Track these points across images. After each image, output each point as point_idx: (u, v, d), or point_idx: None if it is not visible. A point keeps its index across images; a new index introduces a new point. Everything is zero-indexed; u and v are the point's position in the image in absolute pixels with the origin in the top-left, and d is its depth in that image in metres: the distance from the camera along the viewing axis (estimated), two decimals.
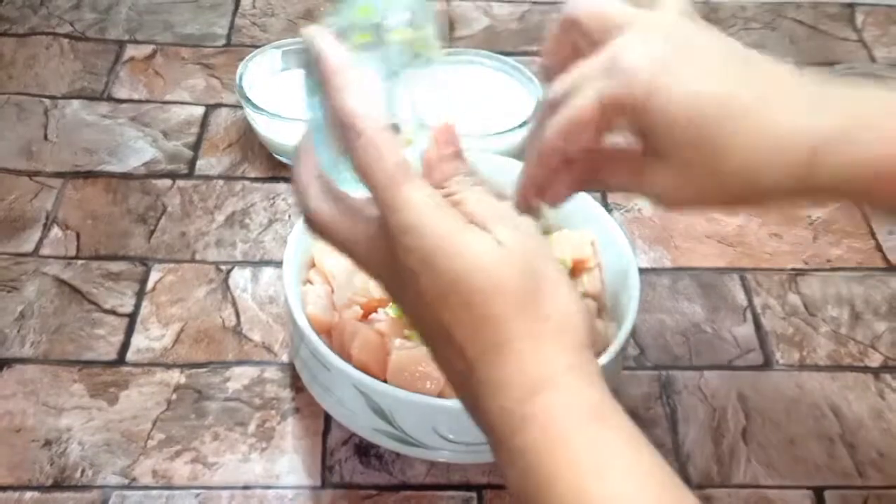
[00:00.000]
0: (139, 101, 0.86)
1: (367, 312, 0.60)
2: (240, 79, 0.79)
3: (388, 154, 0.40)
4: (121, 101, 0.86)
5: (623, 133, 0.46)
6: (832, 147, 0.42)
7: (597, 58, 0.45)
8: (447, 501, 0.59)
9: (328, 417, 0.62)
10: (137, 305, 0.69)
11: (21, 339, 0.67)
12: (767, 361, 0.69)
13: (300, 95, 0.45)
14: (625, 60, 0.44)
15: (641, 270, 0.63)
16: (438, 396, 0.55)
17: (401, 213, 0.40)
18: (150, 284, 0.71)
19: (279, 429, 0.62)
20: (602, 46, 0.45)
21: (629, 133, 0.46)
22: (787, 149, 0.42)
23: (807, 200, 0.45)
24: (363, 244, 0.43)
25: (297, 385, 0.64)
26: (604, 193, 0.77)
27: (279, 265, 0.64)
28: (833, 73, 0.85)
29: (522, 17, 0.98)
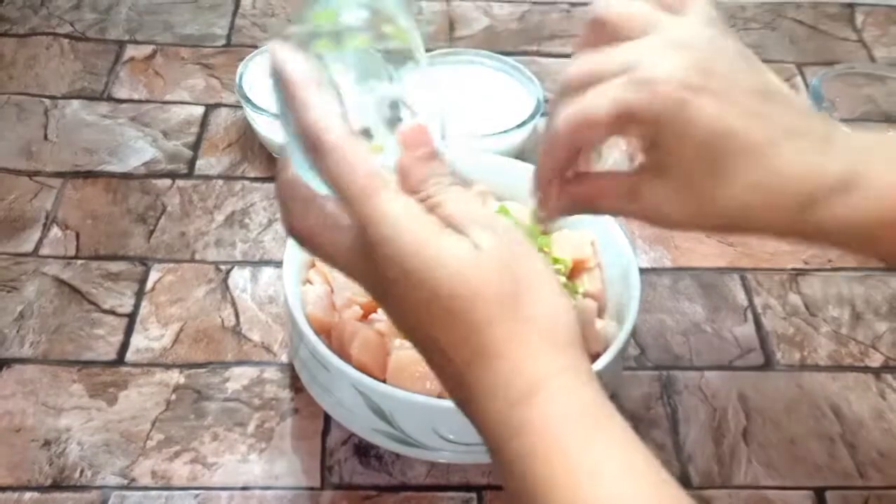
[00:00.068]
0: (139, 101, 0.86)
1: (367, 312, 0.60)
2: (240, 79, 0.79)
3: (358, 166, 0.40)
4: (121, 101, 0.86)
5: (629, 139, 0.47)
6: (830, 197, 0.43)
7: (622, 55, 0.45)
8: (447, 502, 0.59)
9: (328, 418, 0.62)
10: (137, 305, 0.69)
11: (20, 339, 0.67)
12: (768, 361, 0.69)
13: (274, 107, 0.44)
14: (650, 72, 0.43)
15: (642, 270, 0.62)
16: (438, 397, 0.55)
17: (376, 226, 0.39)
18: (150, 284, 0.71)
19: (278, 429, 0.62)
20: (630, 46, 0.45)
21: (636, 140, 0.47)
22: (784, 193, 0.44)
23: (801, 242, 0.46)
24: (344, 255, 0.43)
25: (297, 385, 0.64)
26: None
27: (279, 265, 0.64)
28: (833, 73, 0.85)
29: (522, 17, 0.98)
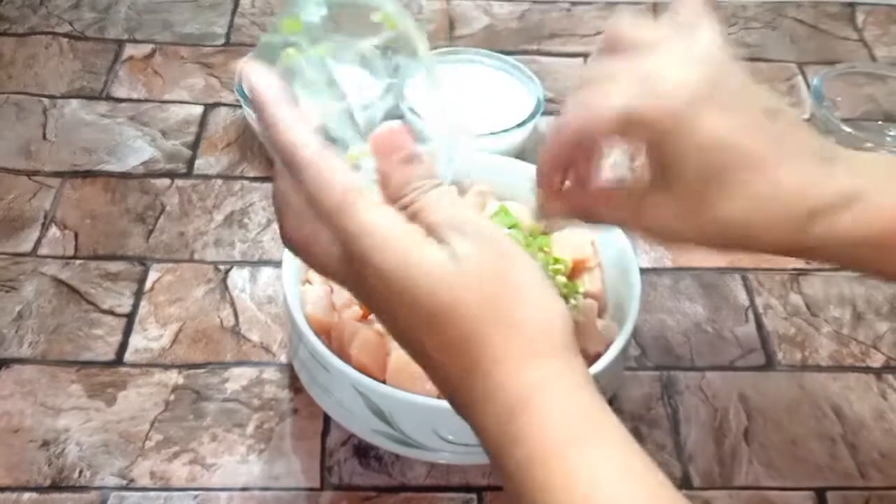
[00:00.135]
0: (138, 101, 0.85)
1: (367, 313, 0.60)
2: (239, 78, 0.79)
3: (333, 180, 0.40)
4: (120, 101, 0.85)
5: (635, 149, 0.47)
6: (832, 211, 0.44)
7: (634, 62, 0.45)
8: (447, 503, 0.59)
9: (327, 418, 0.62)
10: (135, 305, 0.69)
11: (19, 340, 0.66)
12: (769, 362, 0.68)
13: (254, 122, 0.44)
14: (661, 83, 0.44)
15: (642, 270, 0.62)
16: (438, 397, 0.55)
17: (355, 240, 0.39)
18: (149, 284, 0.70)
19: (278, 430, 0.62)
20: (643, 56, 0.45)
21: (640, 149, 0.47)
22: (786, 207, 0.44)
23: (804, 257, 0.46)
24: (335, 266, 0.42)
25: (296, 386, 0.64)
26: None
27: (278, 265, 0.64)
28: (834, 72, 0.85)
29: (522, 16, 0.98)
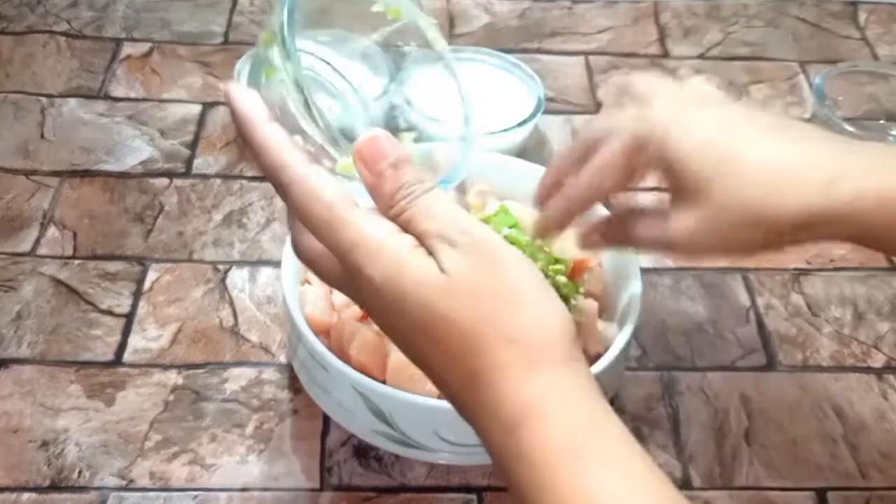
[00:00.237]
0: (136, 100, 0.85)
1: (367, 313, 0.60)
2: (237, 77, 0.79)
3: (320, 197, 0.40)
4: (118, 100, 0.85)
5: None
6: (856, 177, 0.45)
7: (631, 110, 0.52)
8: (447, 503, 0.59)
9: (327, 419, 0.62)
10: (134, 306, 0.69)
11: (18, 340, 0.66)
12: (770, 362, 0.68)
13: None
14: (651, 110, 0.50)
15: (643, 270, 0.62)
16: (438, 398, 0.55)
17: (349, 255, 0.40)
18: (147, 284, 0.70)
19: (277, 430, 0.62)
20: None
21: (655, 172, 0.51)
22: (803, 173, 0.46)
23: (824, 234, 0.47)
24: (339, 281, 0.43)
25: (296, 386, 0.64)
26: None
27: (277, 265, 0.63)
28: (836, 71, 0.85)
29: (523, 15, 0.98)
